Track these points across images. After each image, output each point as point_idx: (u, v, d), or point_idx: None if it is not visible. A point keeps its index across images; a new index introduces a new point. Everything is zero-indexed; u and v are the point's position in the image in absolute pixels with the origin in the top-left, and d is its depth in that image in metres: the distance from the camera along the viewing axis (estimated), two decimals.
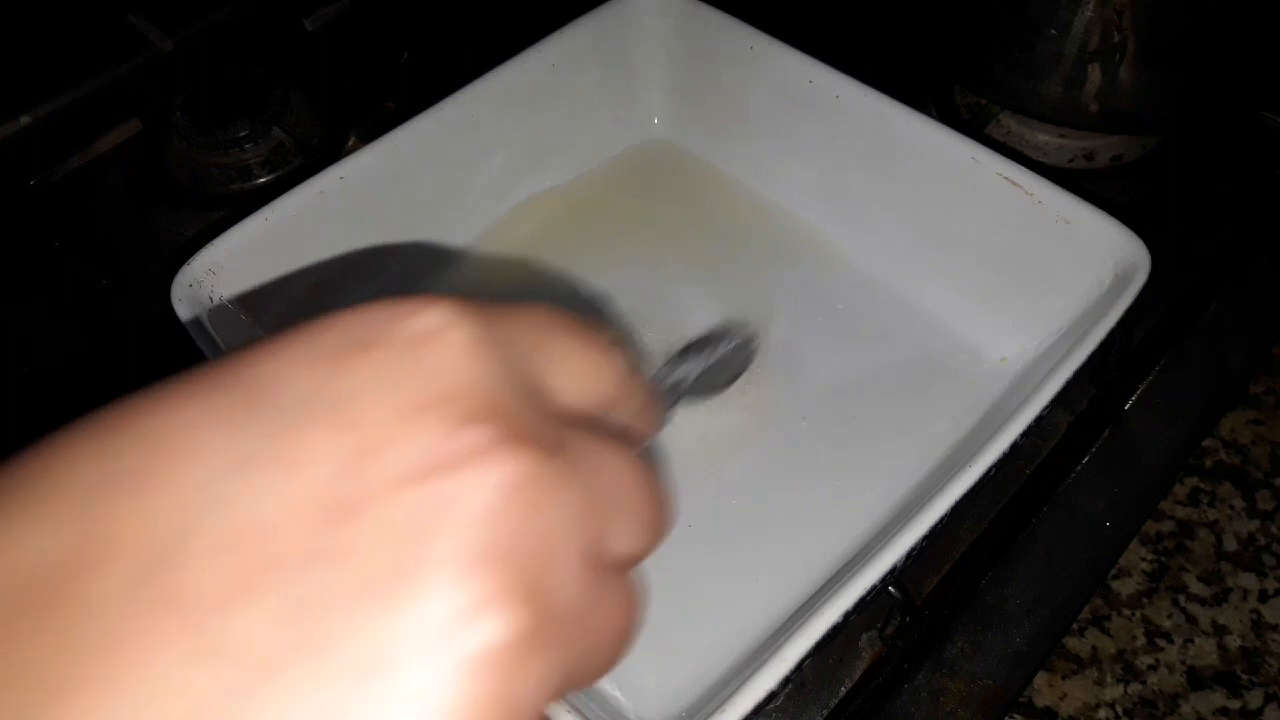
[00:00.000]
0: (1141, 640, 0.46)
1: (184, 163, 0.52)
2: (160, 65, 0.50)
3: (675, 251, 0.47)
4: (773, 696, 0.27)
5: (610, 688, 0.34)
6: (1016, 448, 0.33)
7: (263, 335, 0.15)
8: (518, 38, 0.46)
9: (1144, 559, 0.48)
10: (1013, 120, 0.53)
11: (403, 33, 0.58)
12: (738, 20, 0.46)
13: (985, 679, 0.36)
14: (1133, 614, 0.47)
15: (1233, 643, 0.46)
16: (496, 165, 0.46)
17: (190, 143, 0.52)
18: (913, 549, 0.30)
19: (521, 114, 0.46)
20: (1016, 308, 0.41)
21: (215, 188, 0.51)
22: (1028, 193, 0.40)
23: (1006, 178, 0.40)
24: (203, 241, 0.38)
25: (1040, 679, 0.45)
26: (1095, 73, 0.46)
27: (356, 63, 0.57)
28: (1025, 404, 0.33)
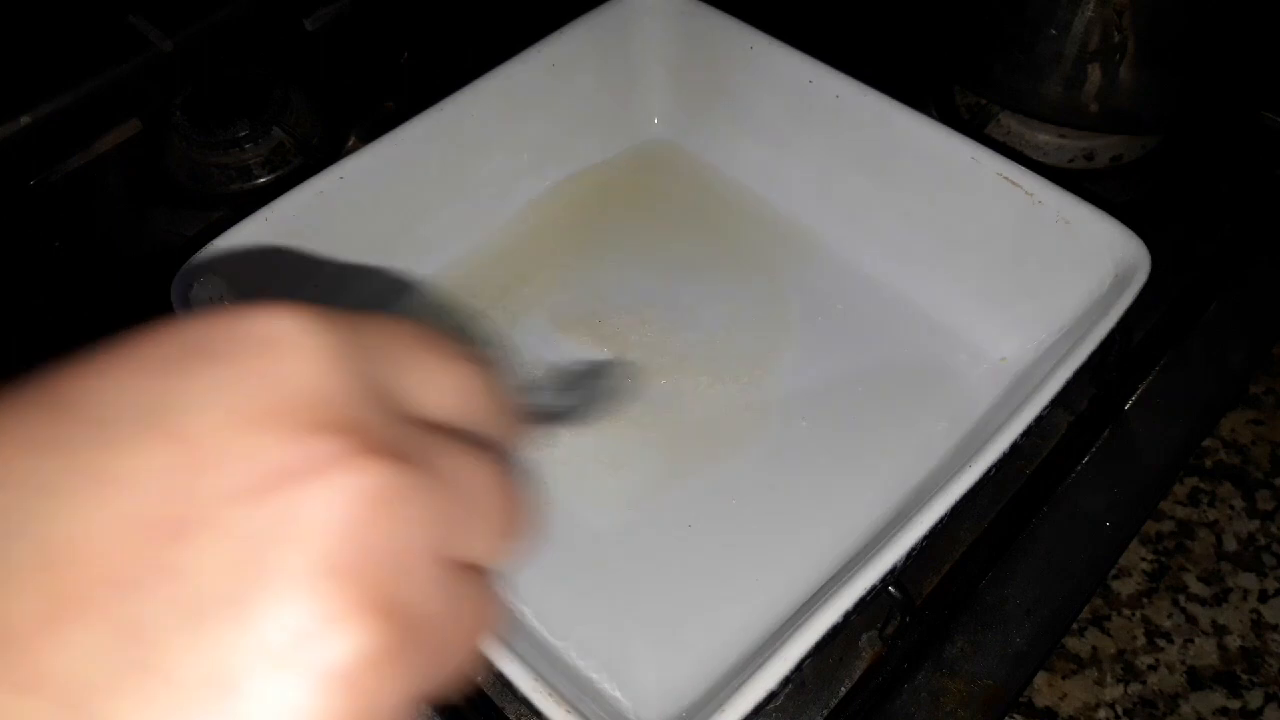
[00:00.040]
0: (1141, 640, 0.46)
1: (184, 163, 0.52)
2: (160, 65, 0.50)
3: (674, 251, 0.47)
4: (773, 696, 0.27)
5: (610, 688, 0.34)
6: (1016, 448, 0.33)
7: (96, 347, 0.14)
8: (518, 38, 0.46)
9: (1144, 559, 0.48)
10: (1013, 120, 0.53)
11: (403, 33, 0.58)
12: (738, 20, 0.46)
13: (985, 679, 0.36)
14: (1133, 614, 0.47)
15: (1233, 643, 0.46)
16: (496, 165, 0.46)
17: (190, 143, 0.52)
18: (913, 549, 0.30)
19: (521, 114, 0.46)
20: (1016, 308, 0.41)
21: (215, 188, 0.52)
22: (1028, 193, 0.40)
23: (1006, 178, 0.40)
24: (203, 241, 0.38)
25: (1040, 679, 0.45)
26: (1095, 73, 0.46)
27: (356, 63, 0.57)
28: (1025, 404, 0.33)
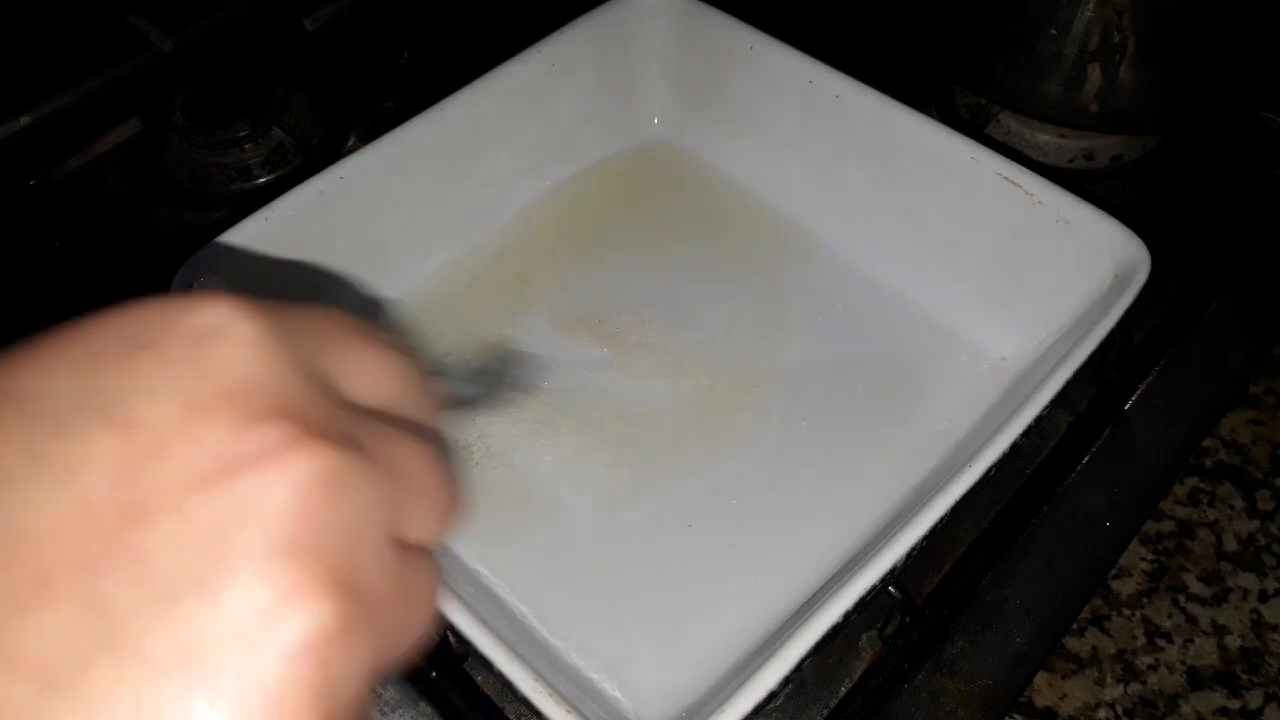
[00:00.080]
0: (1141, 640, 0.46)
1: (184, 163, 0.52)
2: (160, 65, 0.50)
3: (675, 251, 0.47)
4: (773, 696, 0.27)
5: (610, 688, 0.34)
6: (1016, 448, 0.33)
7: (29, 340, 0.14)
8: (518, 38, 0.46)
9: (1144, 559, 0.48)
10: (1013, 120, 0.53)
11: (403, 33, 0.58)
12: (738, 20, 0.46)
13: (985, 679, 0.36)
14: (1133, 614, 0.47)
15: (1233, 643, 0.46)
16: (496, 165, 0.46)
17: (190, 143, 0.52)
18: (913, 549, 0.30)
19: (521, 114, 0.46)
20: (1016, 308, 0.41)
21: (215, 188, 0.52)
22: (1028, 193, 0.40)
23: (1006, 178, 0.40)
24: (203, 241, 0.38)
25: (1040, 679, 0.45)
26: (1095, 73, 0.46)
27: (356, 63, 0.57)
28: (1025, 404, 0.33)
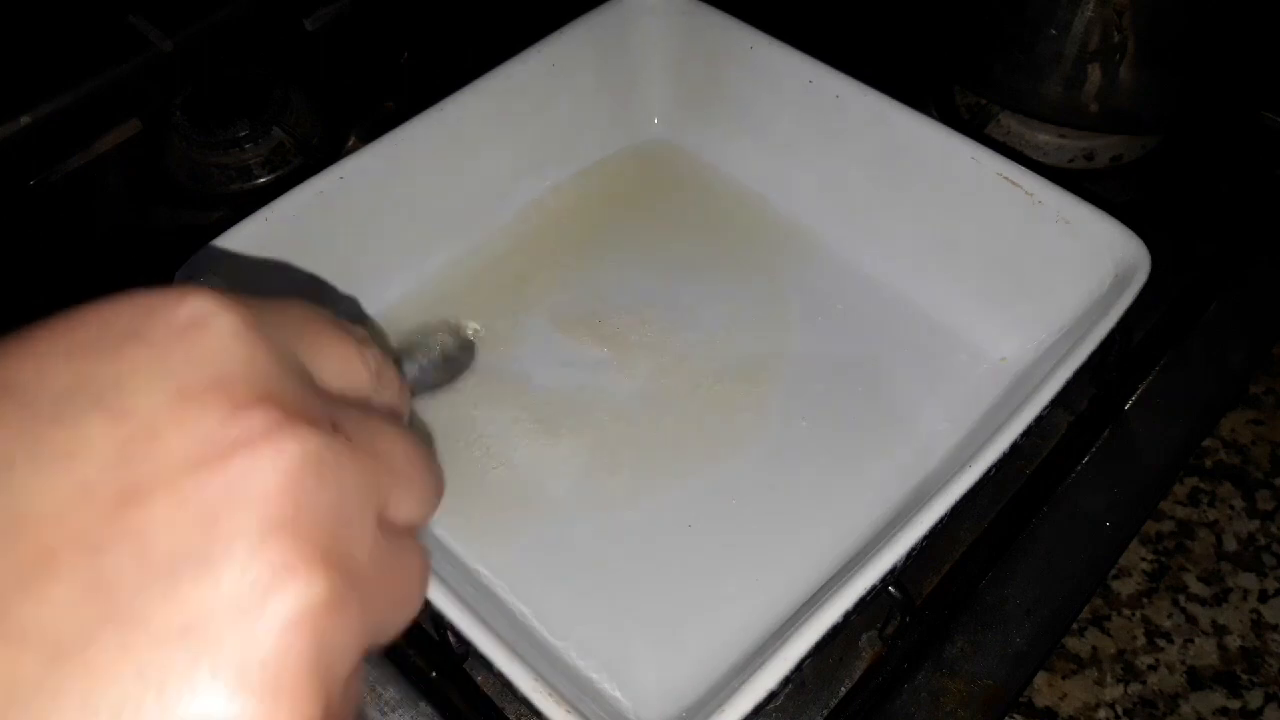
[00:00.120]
0: (1141, 640, 0.46)
1: (184, 163, 0.52)
2: (160, 65, 0.50)
3: (675, 251, 0.47)
4: (773, 696, 0.27)
5: (610, 688, 0.34)
6: (1016, 448, 0.33)
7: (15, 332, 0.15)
8: (518, 38, 0.46)
9: (1144, 559, 0.48)
10: (1013, 120, 0.53)
11: (403, 33, 0.58)
12: (738, 20, 0.46)
13: (985, 679, 0.36)
14: (1133, 614, 0.47)
15: (1233, 643, 0.46)
16: (496, 165, 0.46)
17: (190, 143, 0.52)
18: (913, 549, 0.30)
19: (521, 114, 0.46)
20: (1016, 308, 0.41)
21: (215, 188, 0.52)
22: (1028, 193, 0.40)
23: (1006, 178, 0.40)
24: (203, 241, 0.38)
25: (1040, 679, 0.45)
26: (1095, 73, 0.46)
27: (356, 63, 0.57)
28: (1025, 404, 0.33)
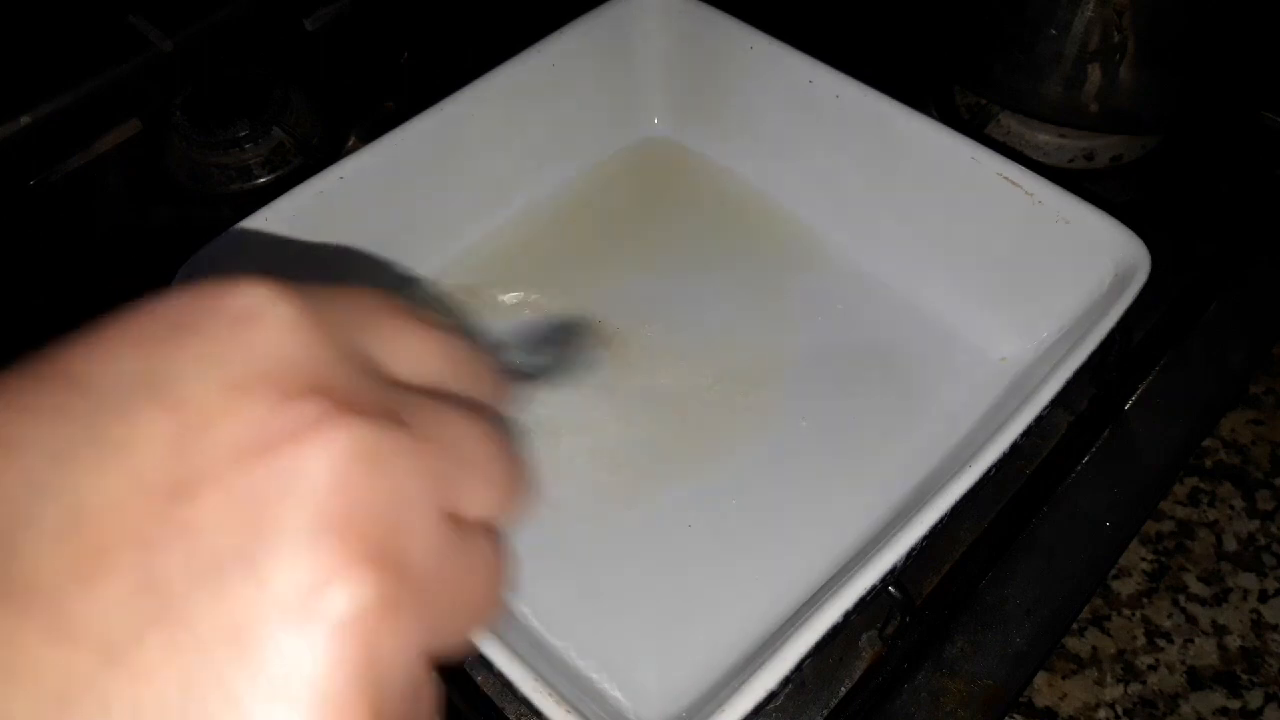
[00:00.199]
0: (1141, 640, 0.46)
1: (184, 163, 0.52)
2: (160, 65, 0.50)
3: (675, 251, 0.47)
4: (773, 696, 0.27)
5: (610, 688, 0.34)
6: (1016, 448, 0.33)
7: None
8: (518, 38, 0.46)
9: (1144, 559, 0.48)
10: (1013, 120, 0.53)
11: (403, 33, 0.58)
12: (738, 20, 0.46)
13: (985, 679, 0.36)
14: (1133, 614, 0.47)
15: (1233, 643, 0.46)
16: (496, 165, 0.46)
17: (190, 143, 0.52)
18: (913, 549, 0.30)
19: (521, 114, 0.46)
20: (1016, 308, 0.41)
21: (215, 188, 0.51)
22: (1028, 193, 0.40)
23: (1006, 178, 0.40)
24: (203, 241, 0.38)
25: (1040, 679, 0.45)
26: (1095, 73, 0.46)
27: (356, 63, 0.57)
28: (1025, 404, 0.33)
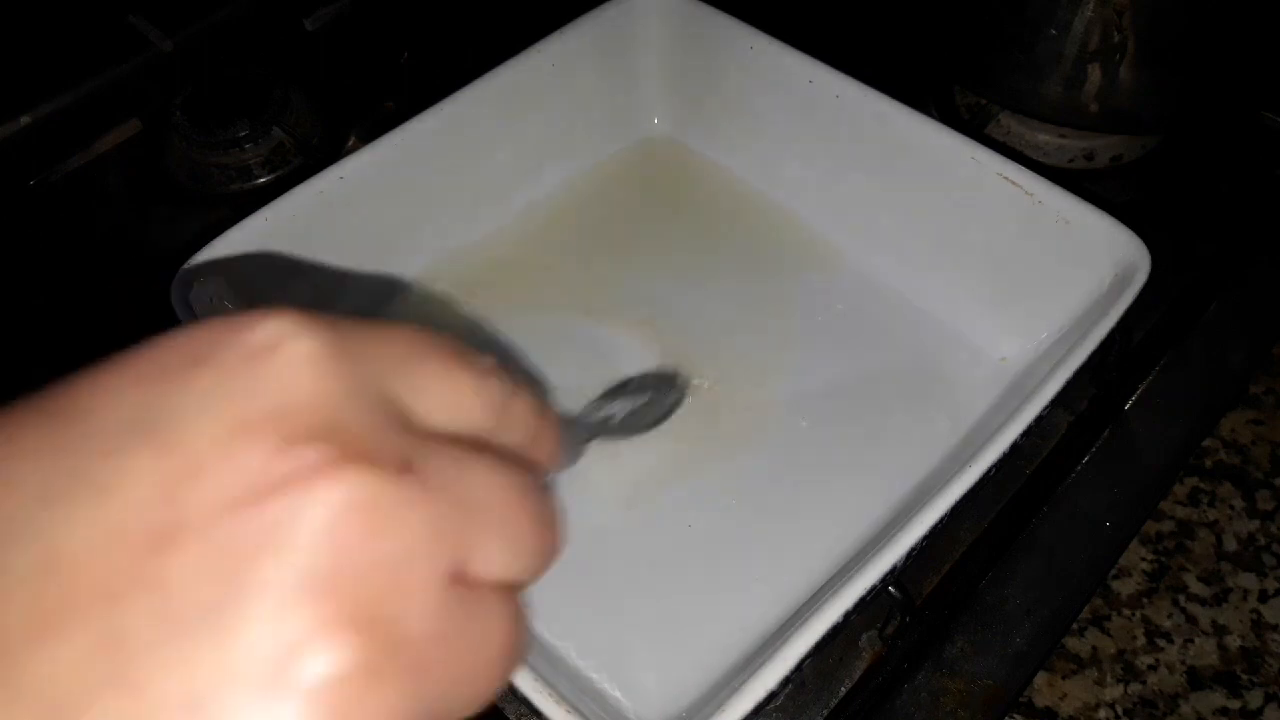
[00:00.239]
0: (1141, 640, 0.46)
1: (184, 163, 0.52)
2: (160, 65, 0.50)
3: (675, 251, 0.47)
4: (773, 696, 0.27)
5: (610, 688, 0.34)
6: (1016, 448, 0.33)
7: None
8: (518, 38, 0.46)
9: (1144, 559, 0.48)
10: (1013, 120, 0.53)
11: (403, 33, 0.58)
12: (738, 20, 0.46)
13: (985, 679, 0.36)
14: (1133, 614, 0.47)
15: (1233, 643, 0.46)
16: (496, 165, 0.46)
17: (190, 143, 0.52)
18: (913, 549, 0.30)
19: (521, 114, 0.46)
20: (1016, 308, 0.41)
21: (215, 188, 0.51)
22: (1028, 193, 0.40)
23: (1006, 178, 0.40)
24: (203, 241, 0.38)
25: (1040, 679, 0.45)
26: (1095, 73, 0.46)
27: (356, 63, 0.57)
28: (1025, 404, 0.33)
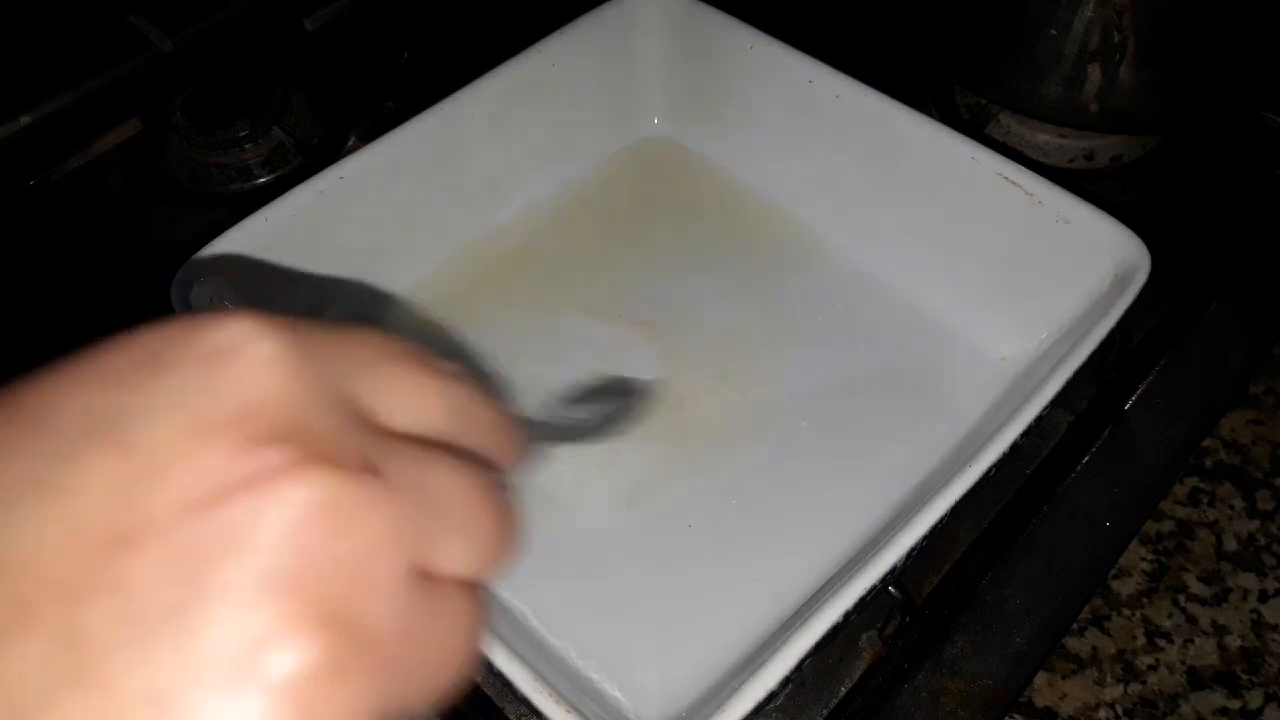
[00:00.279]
0: (1141, 640, 0.46)
1: (184, 163, 0.52)
2: (160, 65, 0.50)
3: (675, 251, 0.47)
4: (773, 696, 0.27)
5: (610, 688, 0.34)
6: (1016, 448, 0.33)
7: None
8: (518, 38, 0.46)
9: (1144, 559, 0.48)
10: (1013, 120, 0.53)
11: (403, 33, 0.58)
12: (738, 20, 0.46)
13: (985, 679, 0.36)
14: (1133, 614, 0.47)
15: (1233, 643, 0.46)
16: (497, 165, 0.46)
17: (190, 143, 0.52)
18: (913, 549, 0.30)
19: (522, 114, 0.46)
20: (1016, 308, 0.41)
21: (215, 188, 0.51)
22: (1028, 193, 0.40)
23: (1006, 178, 0.40)
24: (203, 241, 0.38)
25: (1040, 679, 0.45)
26: (1095, 73, 0.46)
27: (356, 63, 0.57)
28: (1025, 404, 0.33)
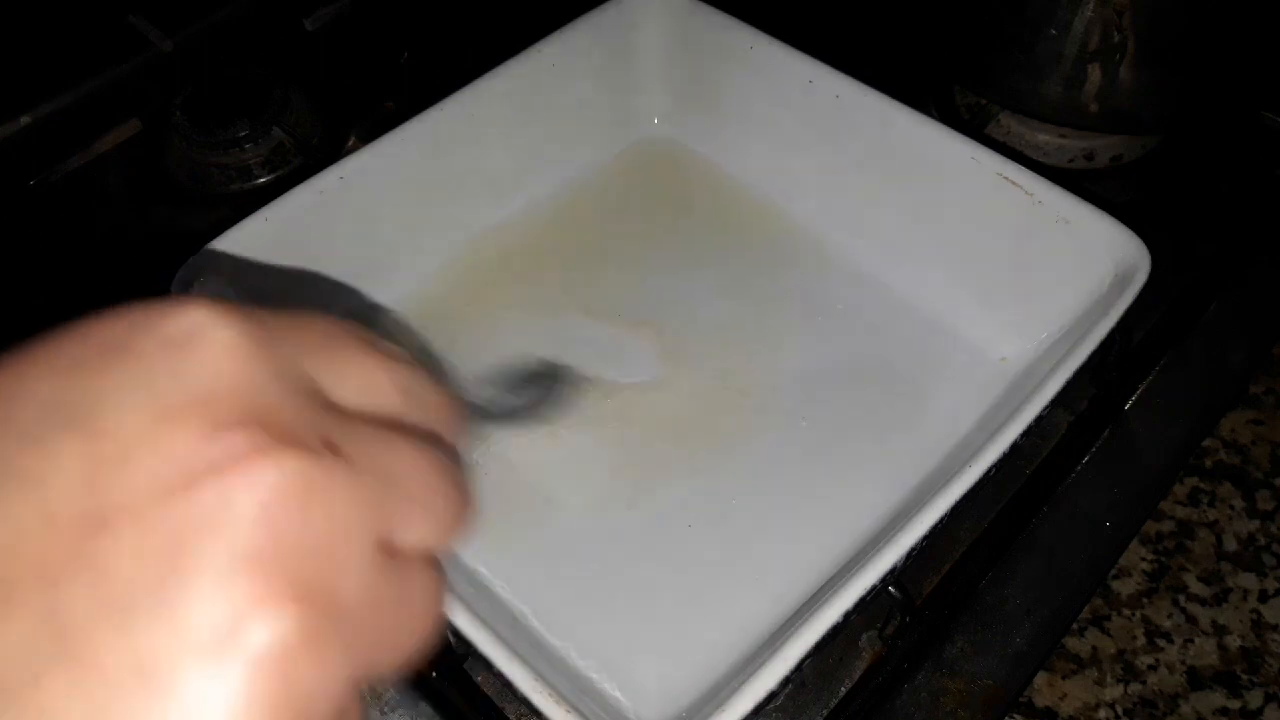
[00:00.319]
0: (1141, 640, 0.46)
1: (184, 163, 0.52)
2: (160, 65, 0.50)
3: (674, 251, 0.47)
4: (773, 696, 0.27)
5: (610, 688, 0.34)
6: (1016, 448, 0.33)
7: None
8: (518, 38, 0.46)
9: (1144, 559, 0.48)
10: (1013, 120, 0.53)
11: (403, 33, 0.58)
12: (738, 20, 0.46)
13: (985, 679, 0.36)
14: (1133, 614, 0.47)
15: (1233, 643, 0.46)
16: (496, 165, 0.46)
17: (190, 143, 0.52)
18: (913, 549, 0.30)
19: (521, 114, 0.46)
20: (1016, 307, 0.41)
21: (215, 188, 0.52)
22: (1028, 193, 0.40)
23: (1006, 177, 0.40)
24: (203, 241, 0.38)
25: (1040, 679, 0.45)
26: (1095, 73, 0.46)
27: (356, 63, 0.57)
28: (1025, 404, 0.33)
